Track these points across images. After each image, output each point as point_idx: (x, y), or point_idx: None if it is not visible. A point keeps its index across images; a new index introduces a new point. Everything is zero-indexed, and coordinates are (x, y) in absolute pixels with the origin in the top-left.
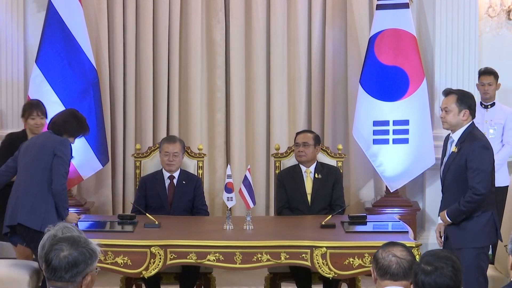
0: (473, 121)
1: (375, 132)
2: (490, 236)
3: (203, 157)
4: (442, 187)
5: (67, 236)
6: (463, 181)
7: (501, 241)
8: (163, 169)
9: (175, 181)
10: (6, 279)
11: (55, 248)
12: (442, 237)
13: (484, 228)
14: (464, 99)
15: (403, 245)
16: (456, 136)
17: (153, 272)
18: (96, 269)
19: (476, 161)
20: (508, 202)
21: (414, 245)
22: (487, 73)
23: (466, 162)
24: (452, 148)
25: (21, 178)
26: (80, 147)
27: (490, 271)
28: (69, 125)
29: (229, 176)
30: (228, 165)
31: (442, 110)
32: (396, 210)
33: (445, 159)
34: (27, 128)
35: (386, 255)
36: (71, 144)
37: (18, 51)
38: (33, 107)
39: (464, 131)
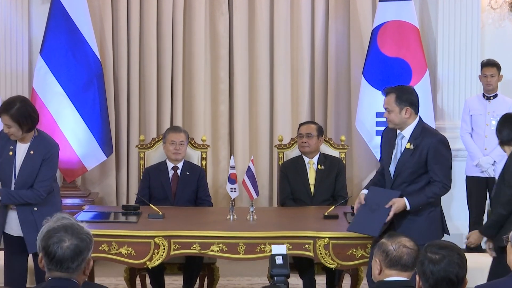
0: (420, 116)
1: (378, 124)
2: (436, 233)
3: (206, 148)
4: (391, 185)
5: (59, 225)
6: (418, 178)
7: (448, 235)
8: (167, 160)
9: (178, 172)
10: None
11: (55, 241)
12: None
13: (432, 225)
14: (403, 96)
15: (406, 235)
16: (407, 133)
17: (157, 263)
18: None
19: (440, 156)
20: None
21: None
22: (489, 65)
23: (427, 158)
24: (406, 145)
25: None
26: (84, 138)
27: None
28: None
29: (233, 167)
30: (232, 156)
31: (385, 110)
32: None
33: (396, 155)
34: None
35: (397, 247)
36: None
37: (22, 42)
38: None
39: (415, 127)
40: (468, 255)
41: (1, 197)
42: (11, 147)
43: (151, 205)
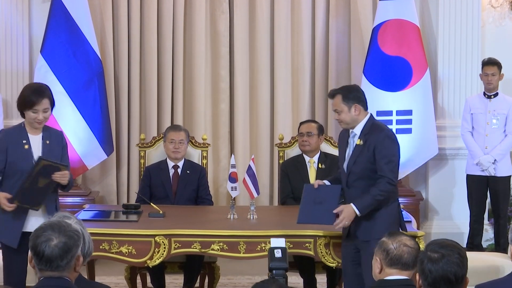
0: (371, 113)
1: None
2: (395, 227)
3: (207, 147)
4: (346, 182)
5: (46, 224)
6: (370, 173)
7: (406, 230)
8: (167, 158)
9: (179, 170)
10: None
11: (42, 240)
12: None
13: (390, 218)
14: (350, 95)
15: (406, 234)
16: (358, 130)
17: (158, 261)
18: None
19: (386, 151)
20: None
21: (417, 235)
22: (490, 64)
23: (374, 153)
24: (356, 141)
25: None
26: (84, 137)
27: (502, 259)
28: (19, 101)
29: (233, 166)
30: (232, 155)
31: (334, 112)
32: (399, 199)
33: (349, 152)
34: None
35: (397, 245)
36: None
37: (23, 41)
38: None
39: (366, 124)
40: (469, 254)
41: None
42: (24, 141)
43: (151, 204)
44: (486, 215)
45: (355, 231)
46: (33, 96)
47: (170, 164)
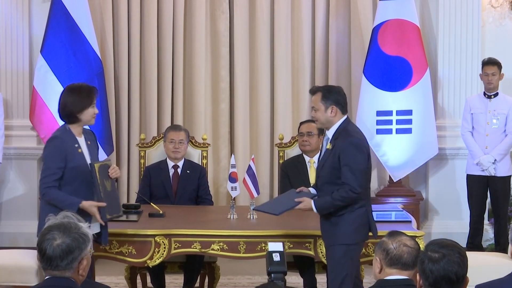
0: (347, 116)
1: (378, 122)
2: (361, 232)
3: (207, 147)
4: (316, 185)
5: (57, 223)
6: (335, 179)
7: (376, 236)
8: (167, 158)
9: (179, 170)
10: (14, 268)
11: (47, 238)
12: None
13: (354, 224)
14: (329, 96)
15: (406, 234)
16: (330, 133)
17: (158, 261)
18: (90, 251)
19: (349, 158)
20: None
21: (417, 235)
22: (490, 63)
23: (339, 159)
24: (327, 145)
25: None
26: None
27: (502, 259)
28: (73, 105)
29: (233, 166)
30: (232, 155)
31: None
32: (399, 199)
33: (320, 155)
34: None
35: (397, 245)
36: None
37: (23, 41)
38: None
39: (338, 127)
40: (469, 254)
41: None
42: (76, 145)
43: (151, 203)
44: (486, 215)
45: (322, 236)
46: (92, 93)
47: (170, 164)
